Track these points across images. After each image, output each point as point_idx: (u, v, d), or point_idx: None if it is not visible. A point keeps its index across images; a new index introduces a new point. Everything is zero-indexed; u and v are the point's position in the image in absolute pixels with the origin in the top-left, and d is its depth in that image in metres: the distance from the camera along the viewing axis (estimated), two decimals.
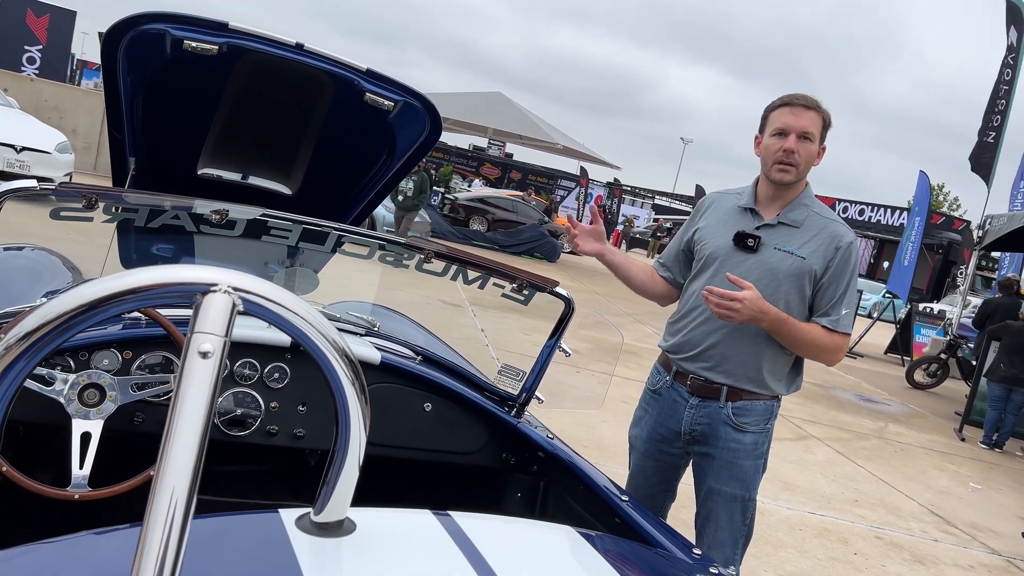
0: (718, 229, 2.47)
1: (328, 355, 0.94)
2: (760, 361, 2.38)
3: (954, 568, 4.62)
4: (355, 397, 0.97)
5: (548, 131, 17.20)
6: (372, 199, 3.15)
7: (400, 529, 1.11)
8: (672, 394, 2.51)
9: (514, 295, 2.09)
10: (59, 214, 1.72)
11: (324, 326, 0.93)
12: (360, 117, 2.77)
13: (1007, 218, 11.98)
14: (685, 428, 2.47)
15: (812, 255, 2.35)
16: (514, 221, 20.53)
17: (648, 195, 45.75)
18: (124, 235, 2.72)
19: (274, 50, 2.53)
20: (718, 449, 2.43)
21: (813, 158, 2.37)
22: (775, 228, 2.39)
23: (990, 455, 8.38)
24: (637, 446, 2.62)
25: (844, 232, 2.39)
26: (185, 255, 2.56)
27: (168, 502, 0.76)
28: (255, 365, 2.02)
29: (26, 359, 0.84)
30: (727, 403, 2.40)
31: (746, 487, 2.45)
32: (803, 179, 2.41)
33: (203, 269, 0.86)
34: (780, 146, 2.33)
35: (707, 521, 2.48)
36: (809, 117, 2.33)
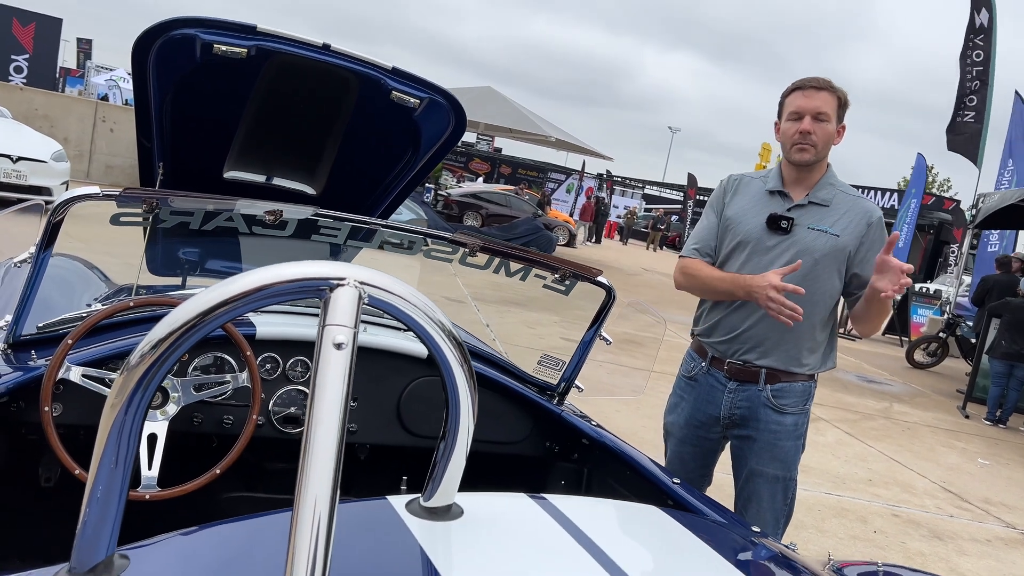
0: (749, 212, 2.47)
1: (442, 345, 0.97)
2: (799, 341, 2.40)
3: (972, 543, 4.69)
4: (466, 387, 1.00)
5: (541, 124, 17.22)
6: (397, 197, 3.18)
7: (503, 512, 1.14)
8: (709, 380, 2.52)
9: (555, 286, 2.12)
10: (119, 219, 1.74)
11: (440, 318, 0.96)
12: (385, 115, 2.80)
13: (998, 196, 12.10)
14: (724, 413, 2.49)
15: (845, 232, 2.38)
16: (508, 215, 20.56)
17: (638, 185, 45.83)
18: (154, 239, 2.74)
19: (301, 51, 2.55)
20: (759, 431, 2.44)
21: (831, 137, 2.39)
22: (806, 208, 2.41)
23: (995, 431, 8.47)
24: (674, 432, 2.64)
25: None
26: (227, 258, 2.58)
27: (314, 490, 0.79)
28: (307, 363, 2.05)
29: (161, 362, 0.86)
30: (766, 386, 2.42)
31: (787, 467, 2.47)
32: (824, 159, 2.43)
33: (331, 265, 0.89)
34: (796, 128, 2.37)
35: (749, 502, 2.50)
36: (822, 97, 2.36)
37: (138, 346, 0.87)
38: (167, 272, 2.81)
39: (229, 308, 0.86)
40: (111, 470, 0.87)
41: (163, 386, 1.80)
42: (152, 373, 0.86)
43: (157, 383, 0.87)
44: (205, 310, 0.85)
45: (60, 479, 2.07)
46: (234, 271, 2.99)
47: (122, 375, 0.86)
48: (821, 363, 2.48)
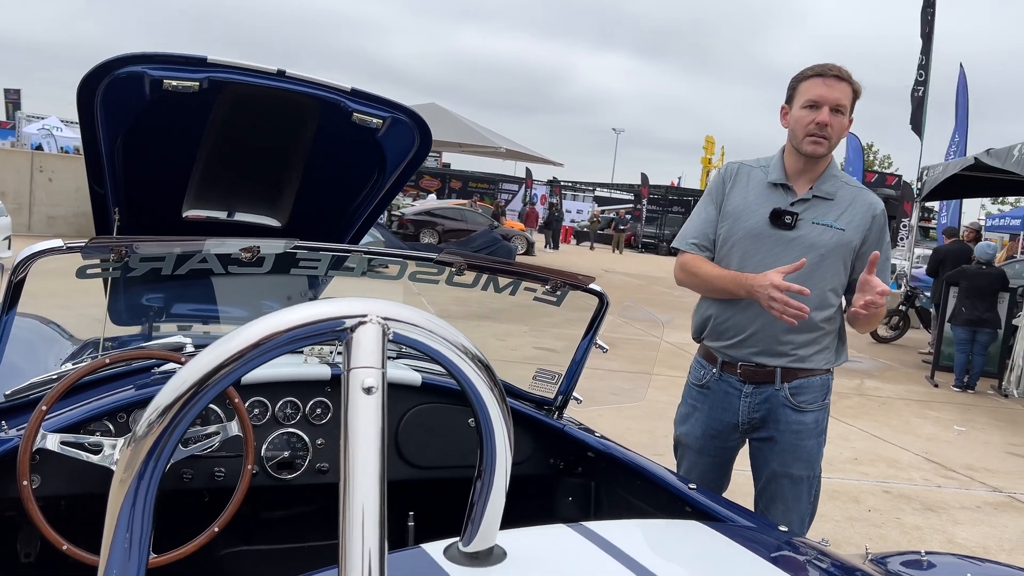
0: (751, 206, 2.35)
1: (475, 379, 0.90)
2: (811, 336, 2.31)
3: (962, 511, 4.73)
4: (501, 421, 0.93)
5: (488, 136, 17.19)
6: (365, 221, 3.09)
7: (547, 548, 1.07)
8: (722, 386, 2.40)
9: (546, 296, 2.06)
10: (86, 272, 1.63)
11: (472, 349, 0.89)
12: (348, 138, 2.71)
13: (942, 167, 12.40)
14: (743, 419, 2.38)
15: (850, 226, 2.30)
16: (464, 230, 20.49)
17: (589, 188, 46.12)
18: (116, 288, 2.61)
19: (255, 79, 2.45)
20: (780, 432, 2.35)
21: (844, 130, 2.30)
22: (810, 202, 2.31)
23: (964, 397, 8.63)
24: (690, 444, 2.50)
25: (875, 200, 2.36)
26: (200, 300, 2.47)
27: (360, 547, 0.72)
28: (296, 404, 1.95)
29: (171, 430, 0.78)
30: (783, 384, 2.32)
31: (811, 466, 2.38)
32: (834, 149, 2.34)
33: (350, 302, 0.81)
34: (812, 119, 2.24)
35: (772, 502, 2.40)
36: (842, 89, 2.25)
37: (144, 414, 0.78)
38: (133, 321, 2.68)
39: (241, 362, 0.78)
40: (124, 552, 0.78)
41: None
42: (163, 442, 0.77)
43: (169, 453, 0.79)
44: (215, 367, 0.77)
45: (41, 553, 1.94)
46: (209, 313, 2.89)
47: (129, 447, 0.78)
48: (836, 357, 2.40)
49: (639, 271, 22.47)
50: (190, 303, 2.76)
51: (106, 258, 1.61)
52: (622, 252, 30.58)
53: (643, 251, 33.17)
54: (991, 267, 9.12)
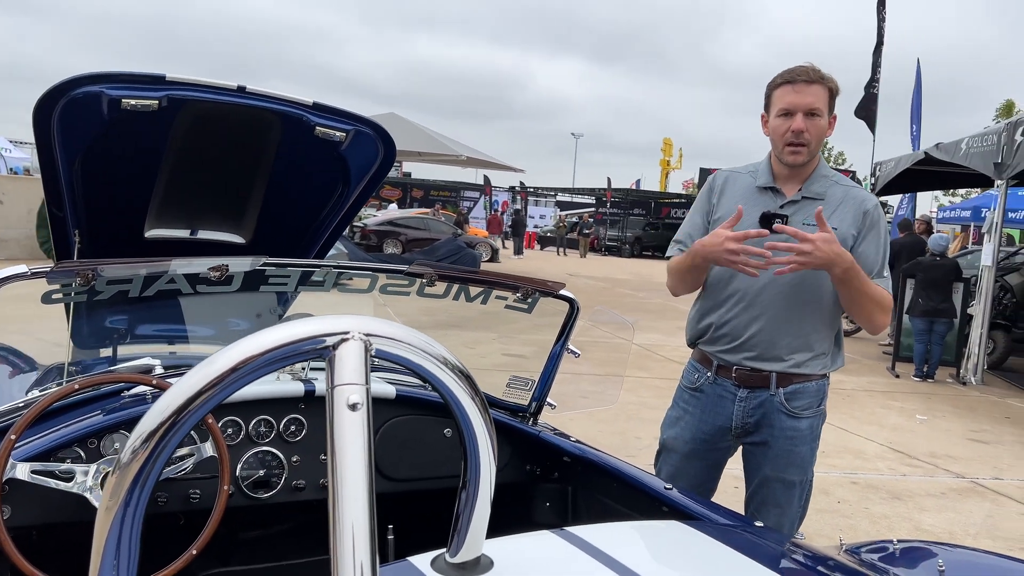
0: None
1: (458, 392, 0.91)
2: (807, 341, 2.30)
3: (928, 498, 4.84)
4: (484, 432, 0.94)
5: (449, 144, 17.20)
6: (331, 234, 3.08)
7: (533, 554, 1.08)
8: (716, 389, 2.38)
9: (518, 305, 2.07)
10: (51, 297, 1.60)
11: (455, 362, 0.90)
12: (311, 152, 2.71)
13: (894, 162, 12.71)
14: (736, 423, 2.36)
15: (842, 224, 2.27)
16: (428, 239, 20.45)
17: (551, 193, 46.32)
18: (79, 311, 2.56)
19: (215, 96, 2.44)
20: (774, 438, 2.33)
21: (824, 132, 2.27)
22: (800, 203, 2.29)
23: (925, 386, 8.83)
24: (677, 448, 2.47)
25: (867, 196, 2.35)
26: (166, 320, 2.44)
27: (352, 562, 0.72)
28: (270, 422, 1.93)
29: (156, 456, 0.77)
30: (778, 389, 2.30)
31: (804, 471, 2.37)
32: (817, 153, 2.31)
33: (332, 320, 0.81)
34: (787, 127, 2.22)
35: (763, 506, 2.39)
36: (813, 92, 2.21)
37: (128, 441, 0.77)
38: (98, 345, 2.63)
39: (224, 384, 0.78)
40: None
41: None
42: (148, 468, 0.76)
43: (155, 479, 0.78)
44: (198, 391, 0.77)
45: None
46: (175, 334, 2.85)
47: (115, 475, 0.77)
48: (832, 361, 2.38)
49: (603, 274, 22.60)
50: (155, 324, 2.72)
51: (72, 282, 1.59)
52: (586, 256, 30.74)
53: (606, 254, 33.40)
54: (945, 258, 9.36)
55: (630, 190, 43.26)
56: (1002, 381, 9.35)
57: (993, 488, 5.13)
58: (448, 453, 2.15)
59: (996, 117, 35.13)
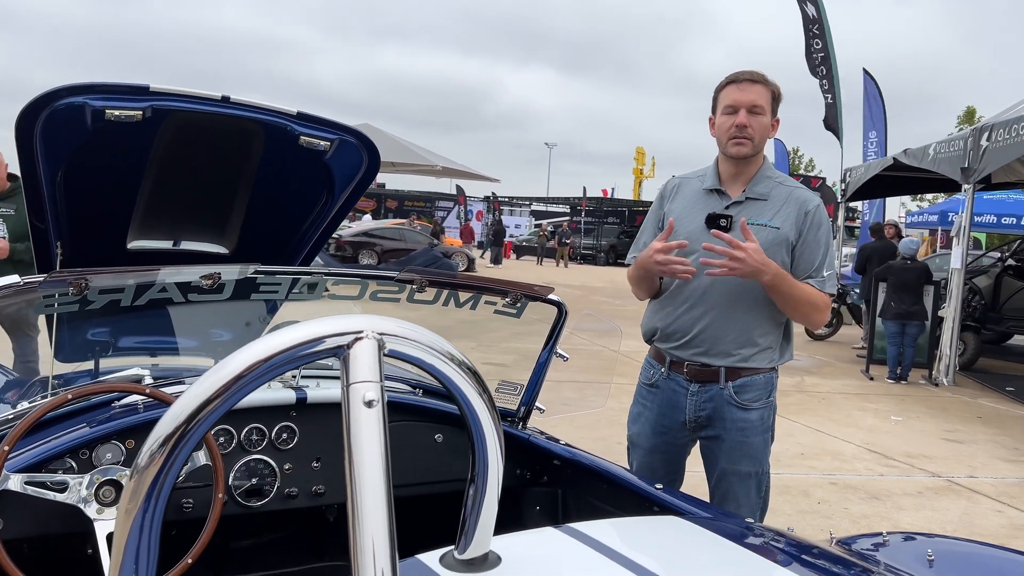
0: (688, 213, 2.45)
1: (465, 388, 0.92)
2: (752, 336, 2.39)
3: (905, 497, 4.92)
4: (493, 429, 0.96)
5: (424, 154, 17.18)
6: (315, 243, 3.08)
7: (540, 549, 1.09)
8: (670, 384, 2.48)
9: (507, 309, 2.09)
10: (44, 307, 1.59)
11: (463, 359, 0.92)
12: (296, 162, 2.71)
13: (863, 168, 12.93)
14: (690, 416, 2.45)
15: (784, 223, 2.37)
16: (404, 249, 20.42)
17: (526, 203, 46.44)
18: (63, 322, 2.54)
19: (199, 107, 2.44)
20: (726, 431, 2.42)
21: (767, 130, 2.40)
22: (744, 204, 2.40)
23: (898, 388, 8.97)
24: (640, 443, 2.57)
25: (810, 196, 2.44)
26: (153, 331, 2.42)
27: (372, 560, 0.73)
28: (262, 430, 1.93)
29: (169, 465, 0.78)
30: (727, 383, 2.40)
31: (758, 463, 2.46)
32: (760, 152, 2.43)
33: (345, 319, 0.83)
34: (732, 122, 2.36)
35: (723, 501, 2.47)
36: (756, 91, 2.36)
37: (146, 445, 0.78)
38: (82, 357, 2.61)
39: (242, 384, 0.79)
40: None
41: (115, 479, 1.66)
42: (166, 472, 0.77)
43: (173, 481, 0.79)
44: (217, 390, 0.78)
45: None
46: (161, 345, 2.83)
47: (133, 479, 0.77)
48: (780, 355, 2.47)
49: (580, 282, 22.68)
50: (141, 335, 2.70)
51: (64, 292, 1.58)
52: (567, 265, 30.80)
53: (581, 262, 33.53)
54: (915, 262, 9.52)
55: (604, 198, 43.53)
56: (973, 381, 9.53)
57: (968, 486, 5.23)
58: (440, 459, 2.15)
59: (958, 123, 35.82)
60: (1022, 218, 17.67)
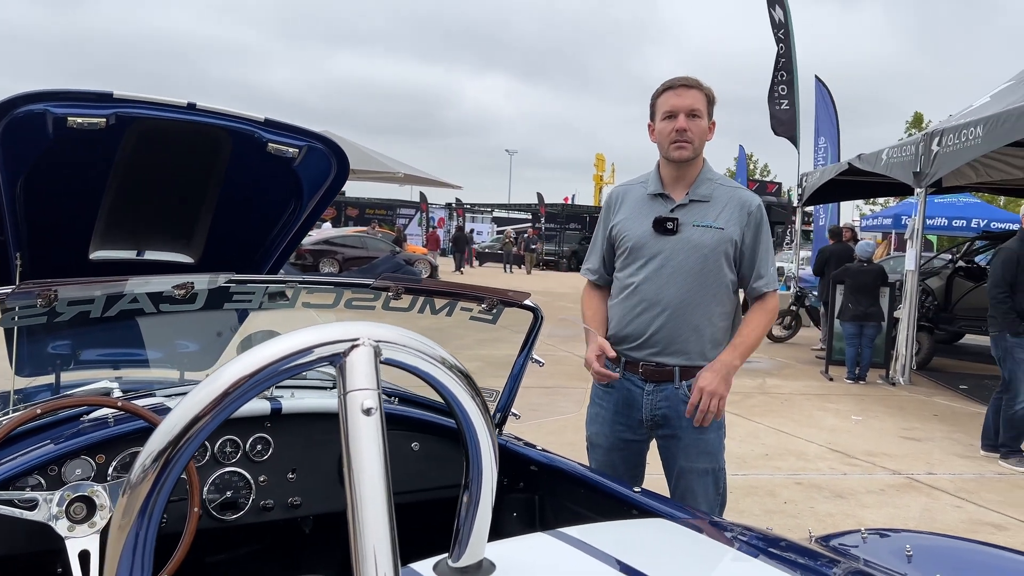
0: (635, 219, 2.55)
1: (460, 394, 0.92)
2: (704, 335, 2.49)
3: (868, 495, 5.01)
4: (487, 436, 0.95)
5: (386, 162, 17.09)
6: (283, 252, 3.04)
7: (533, 555, 1.09)
8: (626, 384, 2.56)
9: (483, 316, 2.09)
10: (9, 320, 1.54)
11: (459, 366, 0.91)
12: (263, 169, 2.68)
13: (818, 173, 13.19)
14: (646, 415, 2.53)
15: (728, 224, 2.47)
16: (366, 257, 20.27)
17: (488, 209, 46.47)
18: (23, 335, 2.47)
19: (164, 114, 2.40)
20: (682, 429, 2.50)
21: (705, 133, 2.48)
22: (688, 207, 2.49)
23: (857, 388, 9.15)
24: (599, 442, 2.64)
25: (751, 197, 2.54)
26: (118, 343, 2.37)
27: (374, 567, 0.72)
28: (236, 442, 1.90)
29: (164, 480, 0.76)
30: (682, 382, 2.49)
31: (715, 459, 2.53)
32: (700, 155, 2.52)
33: (341, 327, 0.82)
34: (672, 127, 2.43)
35: (684, 499, 2.53)
36: (692, 95, 2.44)
37: (138, 460, 0.76)
38: (44, 371, 2.54)
39: (237, 394, 0.77)
40: None
41: (87, 495, 1.62)
42: (159, 488, 0.75)
43: (166, 498, 0.77)
44: (212, 402, 0.76)
45: None
46: (131, 356, 2.76)
47: (125, 496, 0.76)
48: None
49: (543, 288, 22.75)
50: (107, 347, 2.64)
51: (31, 304, 1.54)
52: (531, 272, 30.84)
53: (544, 268, 33.62)
54: (872, 264, 9.73)
55: (565, 205, 43.74)
56: (928, 380, 9.76)
57: (928, 483, 5.35)
58: (416, 467, 2.14)
59: (907, 128, 36.75)
60: (971, 221, 18.19)
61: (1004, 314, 5.78)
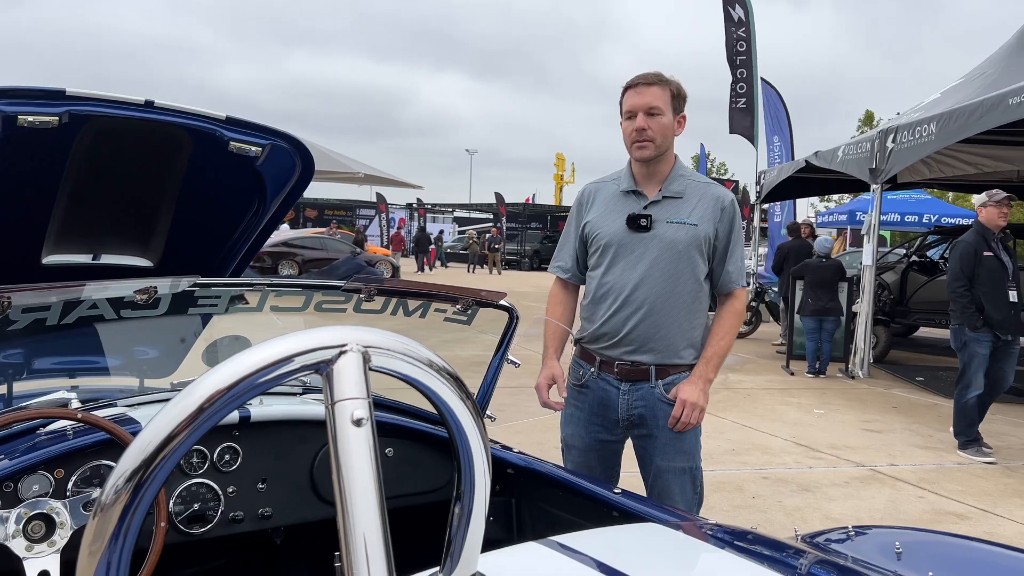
0: (608, 216, 2.53)
1: (452, 402, 0.87)
2: (679, 333, 2.48)
3: (833, 487, 5.07)
4: (480, 443, 0.91)
5: (345, 162, 16.89)
6: (246, 254, 2.95)
7: (526, 566, 1.05)
8: (601, 384, 2.54)
9: (457, 316, 2.04)
10: None
11: (451, 370, 0.87)
12: (225, 169, 2.60)
13: (776, 171, 13.38)
14: (623, 415, 2.51)
15: (702, 220, 2.46)
16: (326, 258, 20.02)
17: (448, 210, 46.30)
18: None
19: (121, 112, 2.31)
20: (659, 428, 2.48)
21: (668, 129, 2.44)
22: (661, 203, 2.47)
23: (817, 382, 9.28)
24: (575, 444, 2.62)
25: (724, 192, 2.54)
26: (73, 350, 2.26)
27: None
28: (203, 452, 1.82)
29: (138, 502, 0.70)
30: (658, 381, 2.47)
31: (691, 458, 2.53)
32: (667, 152, 2.49)
33: (326, 332, 0.77)
34: (632, 127, 2.42)
35: (661, 498, 2.52)
36: (652, 92, 2.41)
37: (109, 481, 0.70)
38: None
39: (215, 408, 0.72)
40: None
41: (45, 513, 1.53)
42: (133, 510, 0.69)
43: (140, 521, 0.71)
44: (188, 416, 0.71)
45: None
46: (89, 364, 2.65)
47: (96, 519, 0.70)
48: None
49: (505, 288, 22.70)
50: (63, 355, 2.53)
51: None
52: (500, 272, 30.78)
53: (506, 268, 33.60)
54: (830, 260, 9.88)
55: (527, 204, 43.77)
56: (886, 373, 9.94)
57: (891, 475, 5.43)
58: (391, 474, 2.08)
59: (859, 125, 37.50)
60: (923, 216, 18.61)
61: (963, 308, 5.87)
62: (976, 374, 5.92)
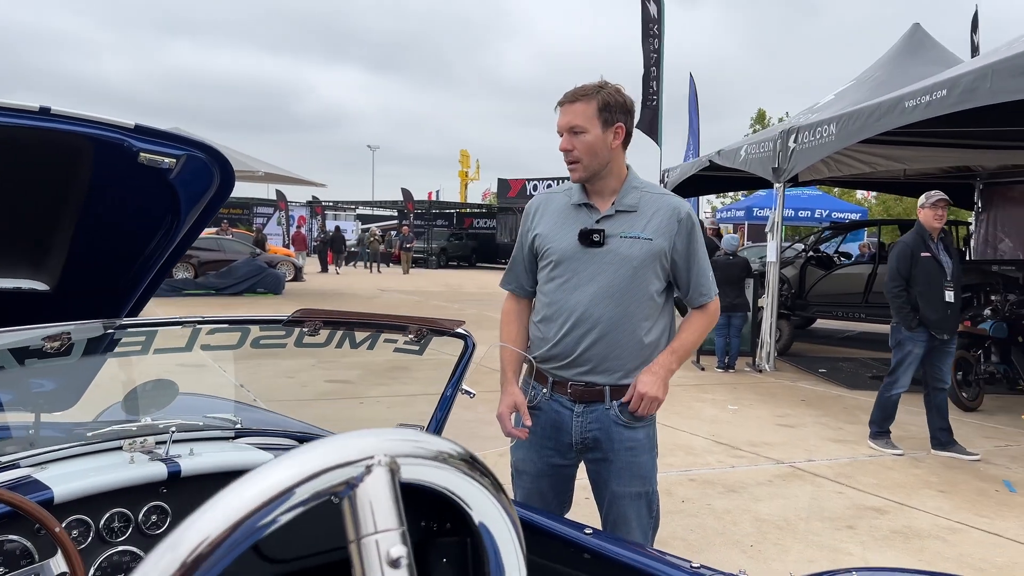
0: (559, 230, 2.41)
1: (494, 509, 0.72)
2: (634, 353, 2.37)
3: (758, 487, 5.14)
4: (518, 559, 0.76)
5: (244, 159, 16.25)
6: (157, 273, 2.68)
7: None
8: (553, 405, 2.42)
9: (408, 347, 1.87)
10: None
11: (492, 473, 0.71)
12: (133, 181, 2.33)
13: (679, 169, 13.66)
14: (576, 438, 2.40)
15: (657, 233, 2.35)
16: (223, 260, 19.19)
17: (350, 206, 45.35)
18: None
19: (11, 120, 2.03)
20: (615, 452, 2.38)
21: (596, 146, 2.32)
22: (614, 217, 2.36)
23: (728, 376, 9.50)
24: (526, 469, 2.49)
25: (679, 203, 2.42)
26: None
27: None
28: (126, 515, 1.59)
29: None
30: (612, 403, 2.37)
31: (647, 482, 2.42)
32: (607, 165, 2.36)
33: (341, 441, 0.60)
34: (561, 147, 2.35)
35: (616, 525, 2.42)
36: (573, 110, 2.31)
37: None
38: None
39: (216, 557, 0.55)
40: None
41: None
42: None
43: None
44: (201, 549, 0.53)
45: None
46: None
47: None
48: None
49: (414, 287, 22.43)
50: None
51: None
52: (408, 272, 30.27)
53: (413, 266, 33.23)
54: (737, 257, 10.13)
55: (432, 201, 43.41)
56: (791, 366, 10.29)
57: (809, 470, 5.56)
58: (338, 520, 1.89)
59: (752, 124, 38.91)
60: (815, 211, 19.46)
61: (899, 308, 5.92)
62: (906, 373, 6.03)
